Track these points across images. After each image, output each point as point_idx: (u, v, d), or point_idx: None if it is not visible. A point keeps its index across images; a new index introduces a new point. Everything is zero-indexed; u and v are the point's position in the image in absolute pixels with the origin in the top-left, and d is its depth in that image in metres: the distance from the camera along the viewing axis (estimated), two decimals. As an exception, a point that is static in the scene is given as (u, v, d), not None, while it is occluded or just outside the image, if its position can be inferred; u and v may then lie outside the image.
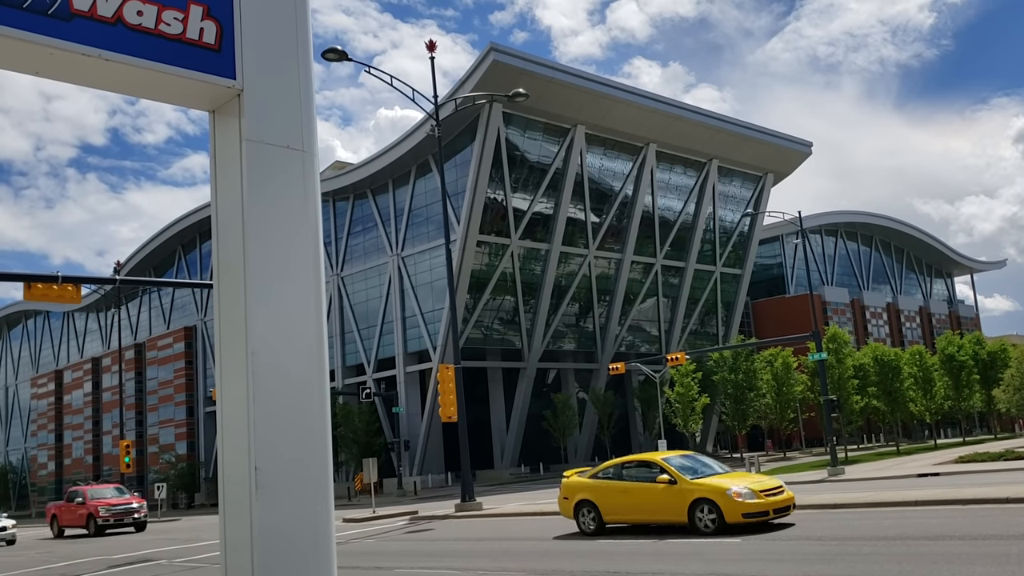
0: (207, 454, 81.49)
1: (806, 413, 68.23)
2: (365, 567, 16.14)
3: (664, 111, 66.40)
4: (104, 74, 3.47)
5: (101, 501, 36.18)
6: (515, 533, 20.22)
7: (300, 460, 3.60)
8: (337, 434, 59.75)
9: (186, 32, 3.54)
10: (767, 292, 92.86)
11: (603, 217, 67.89)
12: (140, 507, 36.53)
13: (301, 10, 3.92)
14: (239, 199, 3.64)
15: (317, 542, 3.62)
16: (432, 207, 62.97)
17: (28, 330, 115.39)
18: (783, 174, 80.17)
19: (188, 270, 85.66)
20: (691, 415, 60.13)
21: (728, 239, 77.99)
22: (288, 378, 3.61)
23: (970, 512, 16.05)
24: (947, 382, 65.28)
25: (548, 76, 57.93)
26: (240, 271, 3.60)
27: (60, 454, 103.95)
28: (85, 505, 36.16)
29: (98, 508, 35.42)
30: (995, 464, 29.96)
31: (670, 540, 15.87)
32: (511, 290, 63.24)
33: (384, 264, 67.62)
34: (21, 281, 21.41)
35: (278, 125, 3.76)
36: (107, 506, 35.70)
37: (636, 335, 72.75)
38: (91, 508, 35.68)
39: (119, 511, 35.78)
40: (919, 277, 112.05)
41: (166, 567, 19.43)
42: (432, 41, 30.54)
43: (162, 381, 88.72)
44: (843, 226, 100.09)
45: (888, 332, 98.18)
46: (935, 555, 11.63)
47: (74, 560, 23.92)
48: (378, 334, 67.96)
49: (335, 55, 26.01)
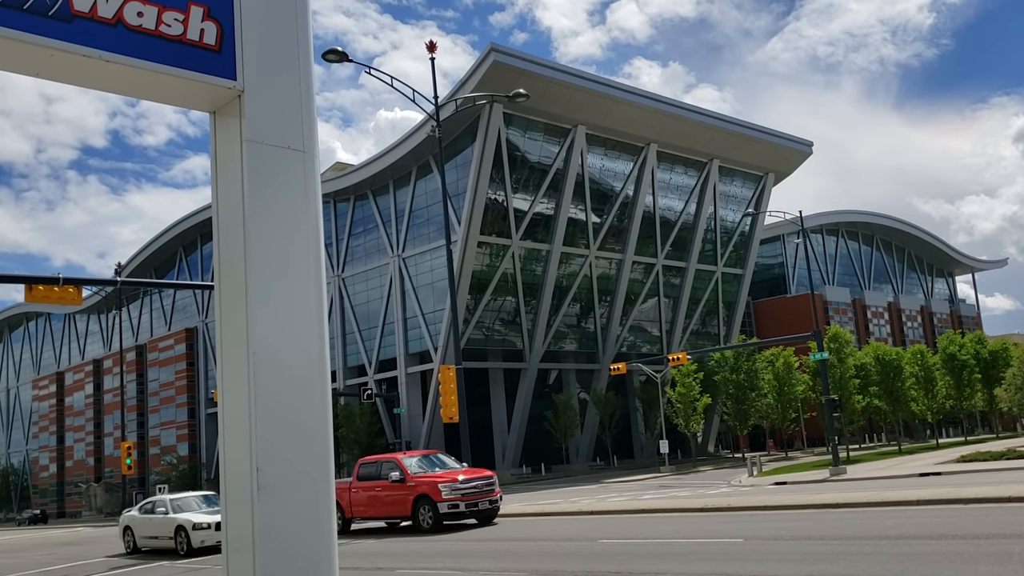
0: (209, 455, 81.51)
1: (808, 413, 68.20)
2: (367, 568, 16.14)
3: (665, 111, 66.40)
4: (105, 75, 3.47)
5: (438, 476, 22.68)
6: (516, 533, 20.22)
7: (302, 461, 3.60)
8: (339, 435, 59.79)
9: (187, 33, 3.54)
10: (768, 292, 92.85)
11: (604, 217, 67.88)
12: (492, 482, 23.21)
13: (301, 11, 3.92)
14: (240, 200, 3.64)
15: (319, 542, 3.61)
16: (433, 208, 62.99)
17: (29, 332, 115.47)
18: (784, 174, 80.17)
19: (189, 271, 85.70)
20: (693, 415, 60.14)
21: (729, 239, 77.97)
22: (289, 379, 3.61)
23: (972, 511, 16.03)
24: (949, 381, 65.24)
25: (548, 76, 57.93)
26: (241, 272, 3.60)
27: (61, 456, 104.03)
28: (405, 483, 22.62)
29: (437, 486, 21.98)
30: (997, 463, 29.95)
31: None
32: (512, 291, 63.24)
33: (385, 265, 67.63)
34: (22, 283, 21.43)
35: (279, 126, 3.76)
36: (450, 483, 22.04)
37: (637, 335, 72.73)
38: (422, 486, 22.30)
39: (471, 489, 22.22)
40: (920, 276, 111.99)
41: (168, 569, 19.44)
42: (432, 42, 30.54)
43: (163, 383, 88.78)
44: (844, 226, 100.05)
45: (889, 331, 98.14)
46: (937, 554, 11.62)
47: (76, 561, 23.93)
48: (379, 335, 67.98)
49: (335, 56, 26.02)
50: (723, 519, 19.18)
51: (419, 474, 22.93)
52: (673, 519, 20.16)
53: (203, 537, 21.73)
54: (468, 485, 22.31)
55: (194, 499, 24.72)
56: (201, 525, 21.92)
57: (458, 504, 21.82)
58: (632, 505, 24.99)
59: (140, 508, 25.90)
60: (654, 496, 29.68)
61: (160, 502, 24.82)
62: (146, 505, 25.63)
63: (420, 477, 22.68)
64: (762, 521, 17.84)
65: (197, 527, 21.96)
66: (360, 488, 24.12)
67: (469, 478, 22.60)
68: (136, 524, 24.96)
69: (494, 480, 23.55)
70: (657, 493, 31.84)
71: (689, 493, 30.21)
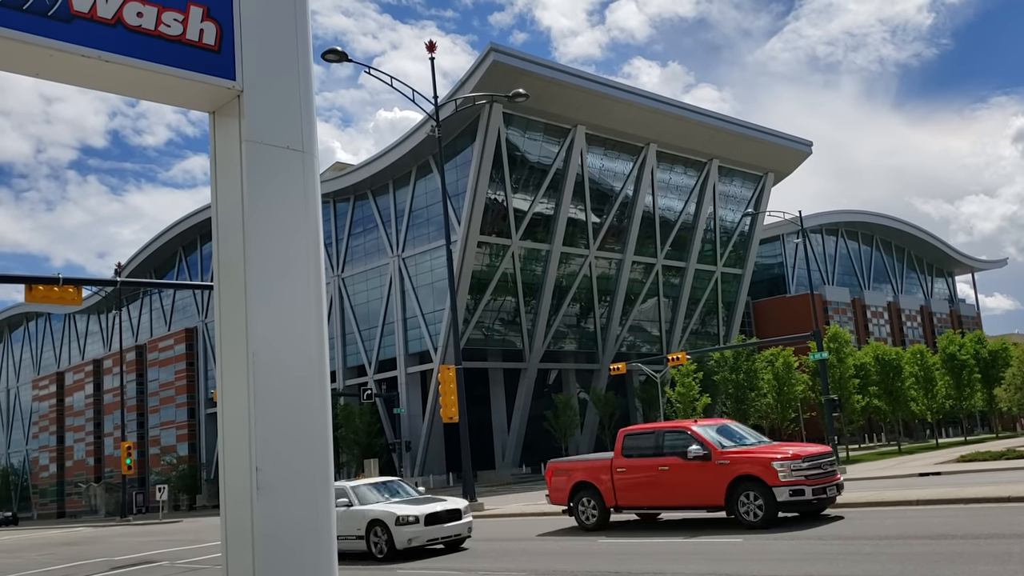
0: (208, 455, 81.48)
1: (807, 413, 68.14)
2: (367, 567, 16.14)
3: (664, 111, 66.41)
4: (104, 75, 3.48)
5: (764, 450, 16.87)
6: (517, 533, 20.22)
7: (301, 461, 3.61)
8: (338, 435, 59.77)
9: (186, 33, 3.55)
10: (768, 292, 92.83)
11: (604, 217, 67.89)
12: (834, 461, 18.24)
13: (301, 11, 3.93)
14: (239, 200, 3.65)
15: (318, 542, 3.62)
16: (433, 208, 62.99)
17: (29, 332, 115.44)
18: (783, 174, 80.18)
19: (189, 271, 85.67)
20: (692, 415, 60.10)
21: (729, 239, 77.98)
22: (289, 378, 3.61)
23: (972, 511, 16.04)
24: (948, 381, 65.25)
25: (548, 76, 57.94)
26: (240, 272, 3.61)
27: (62, 456, 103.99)
28: (712, 461, 16.66)
29: (770, 464, 16.00)
30: (997, 463, 29.94)
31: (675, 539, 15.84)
32: (512, 291, 63.24)
33: (385, 265, 67.63)
34: (22, 283, 21.45)
35: (278, 126, 3.76)
36: (790, 460, 16.07)
37: (637, 335, 72.74)
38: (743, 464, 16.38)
39: (816, 470, 16.33)
40: (920, 276, 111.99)
41: (168, 568, 19.43)
42: (432, 42, 30.54)
43: (163, 383, 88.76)
44: (844, 225, 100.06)
45: (889, 331, 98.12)
46: (937, 554, 11.63)
47: (76, 561, 23.92)
48: (379, 335, 67.97)
49: (335, 56, 26.02)
50: (723, 519, 19.17)
51: (733, 448, 17.01)
52: (673, 519, 20.16)
53: (411, 534, 16.50)
54: (812, 463, 16.29)
55: (367, 487, 18.65)
56: (407, 518, 16.60)
57: (803, 489, 15.83)
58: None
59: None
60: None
61: (338, 490, 18.02)
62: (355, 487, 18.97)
63: (736, 453, 16.79)
64: (762, 521, 17.80)
65: (402, 521, 16.57)
66: (630, 468, 18.00)
67: (813, 454, 16.62)
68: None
69: (835, 458, 18.38)
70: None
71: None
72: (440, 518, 17.07)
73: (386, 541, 16.72)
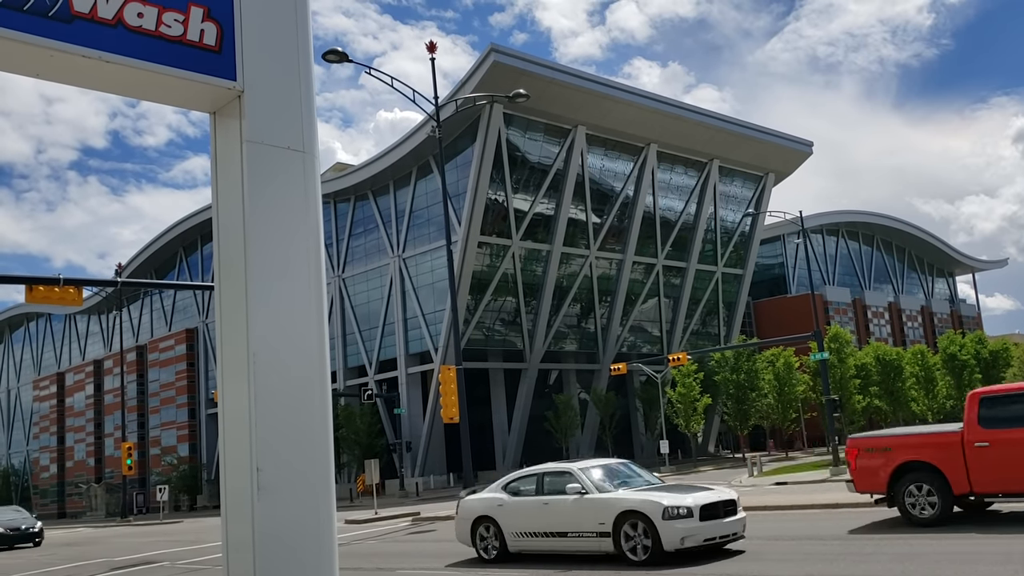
0: (209, 456, 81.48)
1: (808, 413, 68.21)
2: (367, 568, 16.14)
3: (665, 111, 66.42)
4: (105, 76, 3.48)
5: None
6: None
7: (302, 461, 3.61)
8: (339, 435, 59.76)
9: (187, 34, 3.55)
10: (768, 292, 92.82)
11: (604, 218, 67.89)
12: None
13: (301, 12, 3.93)
14: (240, 200, 3.65)
15: (319, 543, 3.62)
16: (433, 208, 63.00)
17: (30, 333, 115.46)
18: (784, 174, 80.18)
19: (189, 272, 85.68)
20: (693, 415, 60.15)
21: (729, 239, 77.98)
22: (289, 379, 3.61)
23: (972, 511, 16.02)
24: (949, 381, 65.27)
25: (548, 77, 57.94)
26: (241, 272, 3.61)
27: (62, 456, 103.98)
28: None
29: None
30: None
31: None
32: (512, 291, 63.24)
33: (385, 265, 67.64)
34: (23, 284, 21.45)
35: (279, 126, 3.76)
36: None
37: (638, 335, 72.74)
38: None
39: None
40: (920, 276, 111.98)
41: (168, 569, 19.43)
42: (432, 42, 30.51)
43: (164, 383, 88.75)
44: (844, 226, 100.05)
45: (890, 332, 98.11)
46: (937, 554, 11.62)
47: (77, 562, 23.93)
48: (379, 335, 67.97)
49: (335, 56, 26.02)
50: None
51: None
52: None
53: (684, 532, 12.80)
54: None
55: (599, 471, 14.72)
56: (677, 511, 12.91)
57: None
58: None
59: (505, 487, 15.53)
60: (654, 496, 29.56)
61: (564, 474, 14.58)
62: (520, 482, 15.42)
63: None
64: (762, 521, 17.83)
65: (672, 514, 12.87)
66: (996, 442, 13.53)
67: None
68: (512, 513, 14.88)
69: None
70: (657, 493, 31.71)
71: (689, 493, 30.10)
72: (716, 511, 13.28)
73: (647, 540, 12.89)
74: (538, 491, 14.63)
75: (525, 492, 14.95)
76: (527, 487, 15.06)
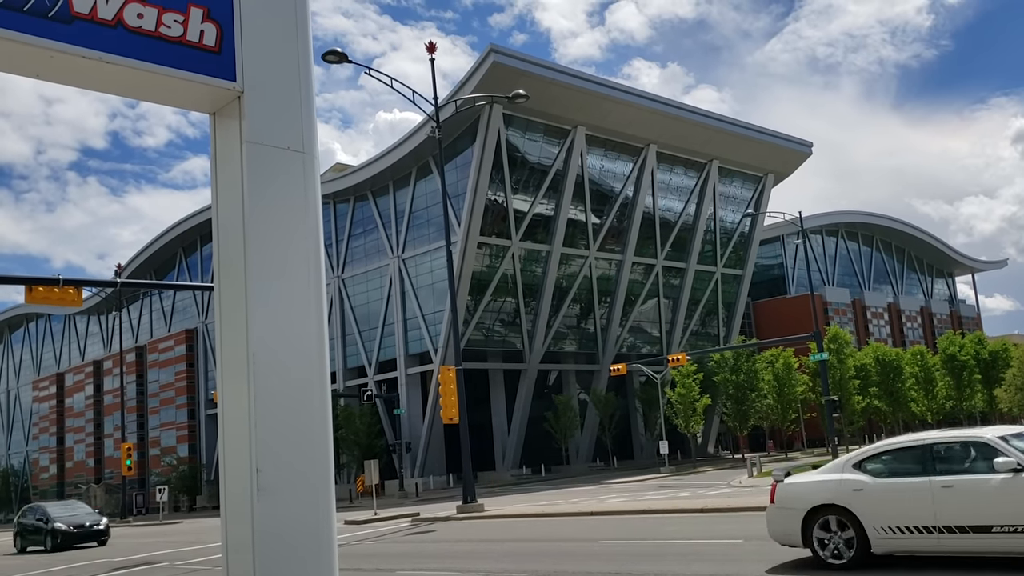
0: (208, 456, 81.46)
1: (807, 413, 68.22)
2: (367, 569, 16.13)
3: (664, 112, 66.42)
4: (104, 77, 3.48)
5: None
6: (517, 534, 20.22)
7: (301, 462, 3.60)
8: (338, 436, 59.75)
9: (186, 34, 3.55)
10: (768, 293, 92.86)
11: (604, 218, 67.89)
12: None
13: (301, 12, 3.93)
14: (240, 201, 3.65)
15: (319, 544, 3.62)
16: (433, 209, 63.00)
17: (29, 333, 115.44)
18: (783, 174, 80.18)
19: (189, 272, 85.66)
20: (692, 416, 60.15)
21: (729, 240, 77.98)
22: (289, 380, 3.61)
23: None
24: (948, 382, 65.31)
25: (548, 77, 57.95)
26: (241, 273, 3.61)
27: (62, 457, 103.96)
28: None
29: None
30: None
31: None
32: (512, 292, 63.24)
33: (385, 266, 67.64)
34: (22, 284, 21.45)
35: (278, 127, 3.76)
36: None
37: (637, 336, 72.73)
38: None
39: None
40: (920, 277, 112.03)
41: (168, 569, 19.42)
42: (432, 43, 30.53)
43: (163, 384, 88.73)
44: (844, 226, 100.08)
45: (889, 332, 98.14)
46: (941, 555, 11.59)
47: (77, 563, 23.93)
48: (379, 336, 67.96)
49: (335, 57, 26.04)
50: (723, 520, 19.19)
51: None
52: (673, 520, 20.16)
53: None
54: None
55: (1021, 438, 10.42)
56: None
57: None
58: (632, 506, 24.99)
59: (859, 465, 11.22)
60: (654, 497, 29.67)
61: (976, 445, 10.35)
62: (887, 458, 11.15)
63: None
64: (763, 522, 17.81)
65: None
66: None
67: None
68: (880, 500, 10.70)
69: None
70: (657, 494, 31.84)
71: (689, 494, 30.20)
72: None
73: None
74: (925, 470, 10.50)
75: (898, 471, 10.82)
76: (902, 465, 10.88)
